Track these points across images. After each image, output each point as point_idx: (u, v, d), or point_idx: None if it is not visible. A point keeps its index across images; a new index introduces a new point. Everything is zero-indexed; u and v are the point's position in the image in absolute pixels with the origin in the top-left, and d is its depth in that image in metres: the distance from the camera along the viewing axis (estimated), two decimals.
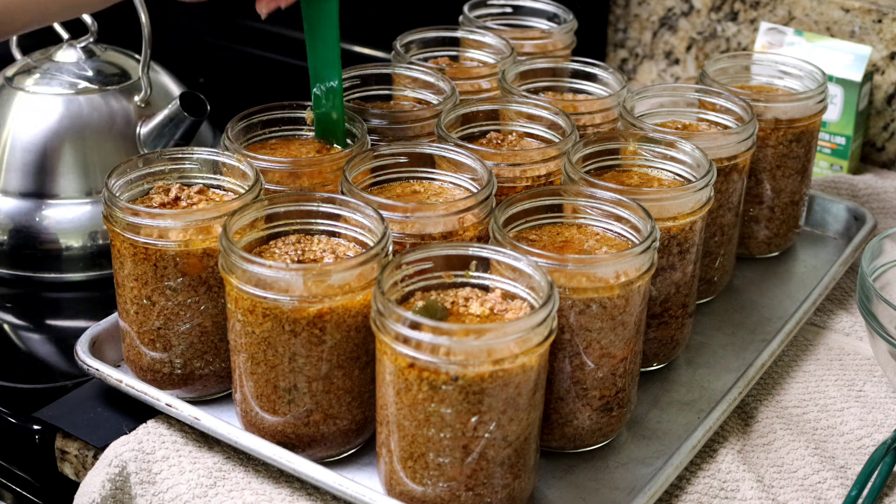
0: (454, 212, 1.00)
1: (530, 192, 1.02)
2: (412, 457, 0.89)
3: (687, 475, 1.00)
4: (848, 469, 1.02)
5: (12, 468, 1.10)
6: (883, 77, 1.51)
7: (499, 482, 0.90)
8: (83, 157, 1.24)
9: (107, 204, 1.01)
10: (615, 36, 1.70)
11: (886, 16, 1.49)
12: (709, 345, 1.16)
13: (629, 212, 1.00)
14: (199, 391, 1.05)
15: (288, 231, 1.00)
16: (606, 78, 1.25)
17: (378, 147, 1.08)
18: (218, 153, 1.07)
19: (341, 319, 0.93)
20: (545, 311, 0.87)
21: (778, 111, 1.22)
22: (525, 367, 0.87)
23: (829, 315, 1.22)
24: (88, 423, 1.04)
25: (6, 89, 1.28)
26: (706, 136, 1.15)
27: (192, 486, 0.97)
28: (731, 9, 1.60)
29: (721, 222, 1.18)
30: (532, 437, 0.91)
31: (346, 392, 0.96)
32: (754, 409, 1.09)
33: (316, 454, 0.98)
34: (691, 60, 1.66)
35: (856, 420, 1.08)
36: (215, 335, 1.03)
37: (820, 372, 1.14)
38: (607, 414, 1.00)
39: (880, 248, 1.14)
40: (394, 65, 1.26)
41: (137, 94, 1.28)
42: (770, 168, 1.25)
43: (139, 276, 1.00)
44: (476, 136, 1.16)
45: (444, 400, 0.86)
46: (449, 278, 0.94)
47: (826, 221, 1.36)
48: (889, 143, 1.54)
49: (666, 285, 1.07)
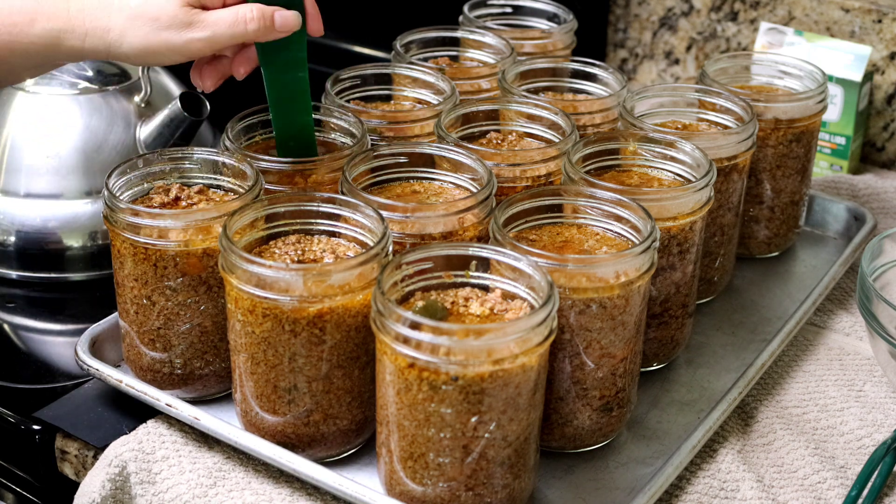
0: (454, 212, 1.00)
1: (530, 192, 1.02)
2: (412, 457, 0.89)
3: (687, 475, 1.00)
4: (848, 469, 1.02)
5: (12, 468, 1.10)
6: (883, 77, 1.51)
7: (499, 482, 0.90)
8: (83, 157, 1.24)
9: (107, 204, 1.01)
10: (615, 36, 1.70)
11: (886, 16, 1.49)
12: (709, 345, 1.16)
13: (629, 212, 1.00)
14: (199, 391, 1.05)
15: (288, 231, 1.00)
16: (606, 78, 1.26)
17: (378, 147, 1.08)
18: (218, 153, 1.07)
19: (341, 319, 0.93)
20: (545, 311, 0.87)
21: (778, 111, 1.22)
22: (525, 367, 0.87)
23: (829, 315, 1.22)
24: (88, 423, 1.04)
25: (6, 89, 1.28)
26: (706, 136, 1.15)
27: (192, 486, 0.97)
28: (731, 9, 1.60)
29: (721, 222, 1.18)
30: (532, 437, 0.91)
31: (346, 392, 0.96)
32: (754, 409, 1.09)
33: (316, 454, 0.98)
34: (691, 60, 1.66)
35: (856, 420, 1.08)
36: (215, 335, 1.03)
37: (820, 372, 1.14)
38: (607, 414, 1.00)
39: (880, 248, 1.14)
40: (394, 65, 1.26)
41: (137, 94, 1.28)
42: (770, 168, 1.25)
43: (139, 276, 1.00)
44: (476, 136, 1.16)
45: (444, 400, 0.86)
46: (449, 278, 0.94)
47: (826, 221, 1.36)
48: (889, 143, 1.54)
49: (666, 285, 1.07)
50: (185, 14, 1.00)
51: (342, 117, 1.14)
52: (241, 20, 1.01)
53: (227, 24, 1.01)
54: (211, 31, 1.00)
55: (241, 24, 1.01)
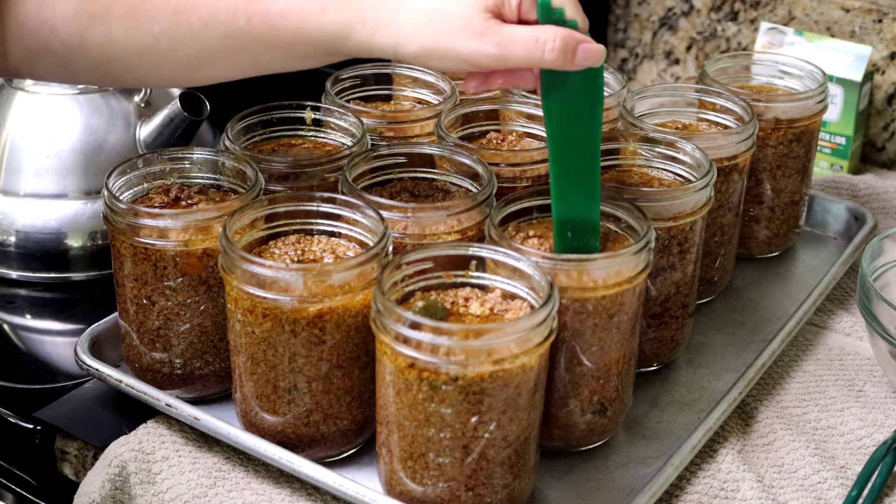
0: (454, 212, 1.00)
1: (529, 191, 1.01)
2: (412, 457, 0.89)
3: (687, 475, 1.00)
4: (848, 469, 1.02)
5: (12, 468, 1.10)
6: (883, 77, 1.51)
7: (499, 482, 0.90)
8: (83, 157, 1.24)
9: (107, 204, 1.01)
10: (615, 36, 1.70)
11: (887, 16, 1.49)
12: (709, 345, 1.16)
13: (625, 212, 0.99)
14: (199, 391, 1.05)
15: (288, 231, 1.00)
16: (606, 78, 1.25)
17: (378, 147, 1.08)
18: (218, 153, 1.07)
19: (341, 319, 0.93)
20: (545, 311, 0.87)
21: (778, 111, 1.22)
22: (525, 367, 0.87)
23: (829, 315, 1.22)
24: (88, 423, 1.04)
25: (6, 89, 1.28)
26: (706, 136, 1.15)
27: (192, 486, 0.97)
28: (731, 9, 1.60)
29: (721, 222, 1.18)
30: (532, 437, 0.91)
31: (346, 392, 0.96)
32: (754, 409, 1.09)
33: (316, 454, 0.98)
34: (691, 60, 1.66)
35: (856, 420, 1.08)
36: (215, 335, 1.03)
37: (820, 372, 1.14)
38: (602, 415, 1.00)
39: (880, 248, 1.14)
40: (394, 65, 1.26)
41: (137, 94, 1.28)
42: (770, 168, 1.25)
43: (139, 276, 1.00)
44: (476, 136, 1.16)
45: (444, 400, 0.86)
46: (449, 278, 0.94)
47: (826, 221, 1.36)
48: (889, 143, 1.54)
49: (666, 285, 1.07)
50: (481, 22, 0.89)
51: (342, 117, 1.14)
52: (539, 46, 0.89)
53: (522, 47, 0.89)
54: (503, 51, 0.90)
55: (539, 51, 0.90)
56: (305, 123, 1.15)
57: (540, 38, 0.89)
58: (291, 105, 1.15)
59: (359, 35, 0.92)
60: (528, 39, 0.89)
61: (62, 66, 0.98)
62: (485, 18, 0.90)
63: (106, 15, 0.95)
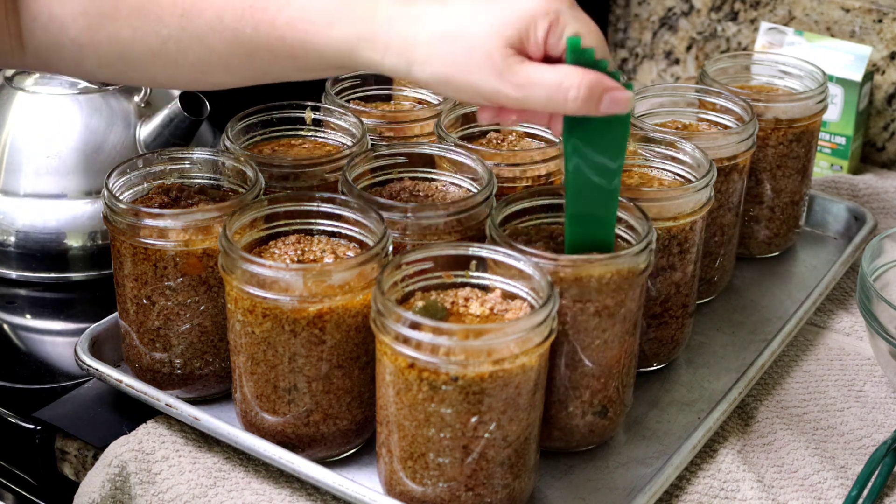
0: (454, 212, 1.00)
1: (529, 192, 1.01)
2: (412, 457, 0.89)
3: (687, 475, 1.00)
4: (848, 469, 1.02)
5: (12, 468, 1.10)
6: (883, 77, 1.51)
7: (499, 482, 0.90)
8: (83, 157, 1.24)
9: (107, 204, 1.01)
10: (615, 36, 1.70)
11: (887, 16, 1.49)
12: (709, 345, 1.16)
13: (626, 212, 0.99)
14: (199, 391, 1.05)
15: (288, 231, 1.00)
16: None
17: (378, 147, 1.08)
18: (218, 153, 1.07)
19: (341, 319, 0.93)
20: (545, 310, 0.87)
21: (778, 111, 1.22)
22: (525, 367, 0.87)
23: (829, 315, 1.22)
24: (88, 423, 1.04)
25: (6, 89, 1.28)
26: (706, 136, 1.15)
27: (192, 486, 0.97)
28: (731, 9, 1.60)
29: (721, 222, 1.18)
30: (532, 437, 0.91)
31: (346, 392, 0.96)
32: (754, 409, 1.09)
33: (316, 454, 0.98)
34: (691, 60, 1.66)
35: (856, 420, 1.08)
36: (215, 335, 1.03)
37: (820, 372, 1.14)
38: (603, 417, 1.00)
39: (880, 248, 1.14)
40: None
41: (137, 94, 1.28)
42: (770, 168, 1.25)
43: (139, 276, 1.00)
44: (476, 136, 1.16)
45: (444, 400, 0.86)
46: (449, 278, 0.94)
47: (826, 221, 1.36)
48: (889, 143, 1.54)
49: (666, 285, 1.07)
50: (502, 59, 0.83)
51: (342, 117, 1.14)
52: (562, 94, 0.84)
53: (545, 92, 0.84)
54: (523, 94, 0.84)
55: (561, 98, 0.84)
56: (305, 123, 1.15)
57: (563, 83, 0.84)
58: (291, 105, 1.15)
59: (368, 53, 0.88)
60: (551, 84, 0.84)
61: (75, 62, 0.98)
62: (506, 55, 0.84)
63: (114, 14, 0.95)
